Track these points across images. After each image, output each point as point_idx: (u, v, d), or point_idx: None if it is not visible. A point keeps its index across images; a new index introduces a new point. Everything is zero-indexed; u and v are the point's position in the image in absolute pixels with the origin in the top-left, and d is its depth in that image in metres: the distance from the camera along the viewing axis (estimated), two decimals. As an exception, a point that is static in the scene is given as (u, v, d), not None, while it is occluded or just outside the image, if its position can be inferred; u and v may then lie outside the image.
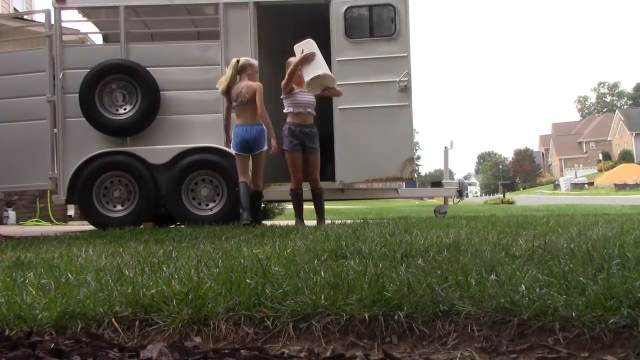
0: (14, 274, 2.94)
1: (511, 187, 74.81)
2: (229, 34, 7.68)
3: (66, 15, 8.09)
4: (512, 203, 25.14)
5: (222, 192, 7.50)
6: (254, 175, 6.77)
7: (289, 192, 6.86)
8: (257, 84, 6.73)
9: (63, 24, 7.92)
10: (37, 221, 12.43)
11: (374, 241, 3.79)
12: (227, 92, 6.76)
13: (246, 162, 6.72)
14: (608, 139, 74.97)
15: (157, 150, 7.55)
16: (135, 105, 7.56)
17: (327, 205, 7.15)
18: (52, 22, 7.77)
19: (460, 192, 8.64)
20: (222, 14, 7.69)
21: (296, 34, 9.39)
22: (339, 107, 7.60)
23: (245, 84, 6.71)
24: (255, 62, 6.95)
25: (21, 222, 12.48)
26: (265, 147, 6.74)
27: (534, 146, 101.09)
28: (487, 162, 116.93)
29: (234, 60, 6.82)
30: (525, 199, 36.33)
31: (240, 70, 6.75)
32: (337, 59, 7.64)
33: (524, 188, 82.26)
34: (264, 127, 6.70)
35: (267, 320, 2.06)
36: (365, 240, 3.89)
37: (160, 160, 7.50)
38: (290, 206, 14.45)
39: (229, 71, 6.77)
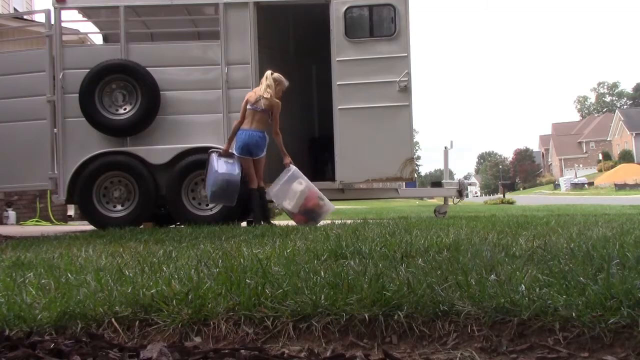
0: (14, 274, 2.94)
1: (511, 187, 74.81)
2: (229, 34, 7.67)
3: (66, 15, 8.10)
4: (512, 203, 25.13)
5: (222, 192, 7.49)
6: (258, 175, 7.06)
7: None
8: (278, 101, 6.99)
9: (63, 24, 7.92)
10: (37, 221, 12.43)
11: (374, 241, 3.79)
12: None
13: (251, 164, 7.00)
14: (608, 139, 74.97)
15: (157, 150, 7.54)
16: (135, 105, 7.56)
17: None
18: (52, 22, 7.77)
19: (460, 192, 8.64)
20: (222, 14, 7.69)
21: (296, 33, 9.43)
22: (339, 107, 7.60)
23: (269, 95, 6.93)
24: (287, 83, 7.15)
25: (21, 222, 12.47)
26: (264, 154, 7.05)
27: (534, 146, 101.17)
28: (487, 162, 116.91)
29: (268, 73, 7.04)
30: (525, 199, 36.32)
31: (272, 82, 6.98)
32: (337, 59, 7.64)
33: (524, 188, 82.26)
34: (266, 135, 7.02)
35: (267, 320, 2.06)
36: (365, 240, 3.89)
37: (160, 160, 7.50)
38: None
39: (265, 82, 6.97)
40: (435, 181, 13.58)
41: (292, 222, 6.98)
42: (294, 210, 6.90)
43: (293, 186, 6.89)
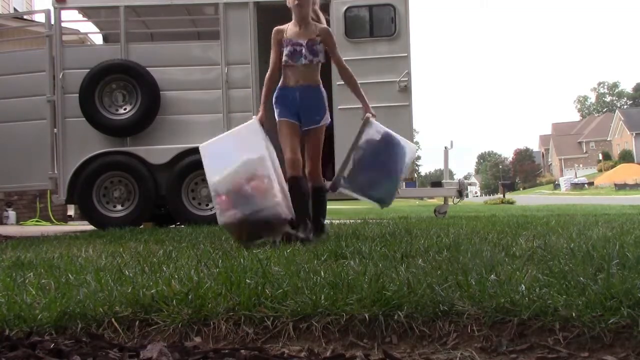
0: (14, 274, 2.94)
1: (511, 187, 74.78)
2: (229, 34, 7.68)
3: (66, 15, 8.10)
4: (512, 203, 25.11)
5: (222, 192, 7.50)
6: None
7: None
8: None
9: (63, 24, 7.92)
10: (37, 221, 12.43)
11: (374, 241, 3.79)
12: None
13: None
14: (608, 139, 74.99)
15: (157, 150, 7.55)
16: (135, 105, 7.56)
17: (327, 205, 5.89)
18: (52, 22, 7.77)
19: (460, 192, 8.64)
20: (222, 14, 7.69)
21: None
22: (339, 107, 7.59)
23: None
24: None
25: (21, 222, 12.48)
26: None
27: (534, 146, 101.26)
28: (487, 162, 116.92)
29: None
30: (525, 199, 36.31)
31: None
32: (337, 59, 7.63)
33: (524, 188, 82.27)
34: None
35: (267, 320, 2.06)
36: (365, 240, 3.89)
37: (160, 160, 7.50)
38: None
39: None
40: (435, 181, 13.59)
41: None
42: (219, 188, 4.22)
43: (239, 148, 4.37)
